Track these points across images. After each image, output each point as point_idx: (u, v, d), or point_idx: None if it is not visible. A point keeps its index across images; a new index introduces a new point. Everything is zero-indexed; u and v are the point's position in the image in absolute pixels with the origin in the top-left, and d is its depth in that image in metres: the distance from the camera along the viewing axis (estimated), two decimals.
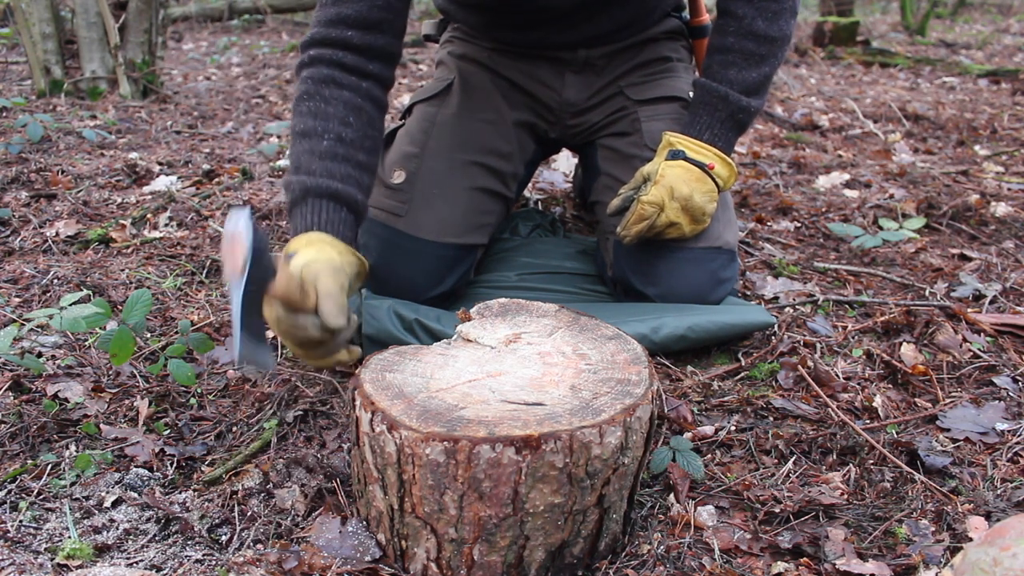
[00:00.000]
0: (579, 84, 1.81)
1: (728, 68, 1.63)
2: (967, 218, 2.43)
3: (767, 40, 1.61)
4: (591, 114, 1.84)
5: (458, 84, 1.80)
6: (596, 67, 1.81)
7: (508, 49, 1.81)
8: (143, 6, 3.95)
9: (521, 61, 1.81)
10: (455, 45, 1.88)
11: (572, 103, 1.83)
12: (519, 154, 1.83)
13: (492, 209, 1.79)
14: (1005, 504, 1.20)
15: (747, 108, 1.63)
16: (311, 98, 1.43)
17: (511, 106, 1.81)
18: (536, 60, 1.81)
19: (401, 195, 1.70)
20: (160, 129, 3.50)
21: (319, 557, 1.06)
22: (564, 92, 1.81)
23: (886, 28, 8.60)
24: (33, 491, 1.21)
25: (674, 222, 1.59)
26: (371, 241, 1.70)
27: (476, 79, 1.81)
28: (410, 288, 1.68)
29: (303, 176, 1.37)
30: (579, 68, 1.80)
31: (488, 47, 1.83)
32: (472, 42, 1.86)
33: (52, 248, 2.11)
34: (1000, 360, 1.62)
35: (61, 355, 1.58)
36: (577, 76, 1.81)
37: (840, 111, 4.12)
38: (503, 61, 1.82)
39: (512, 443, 0.95)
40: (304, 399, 1.46)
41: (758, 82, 1.63)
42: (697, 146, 1.62)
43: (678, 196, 1.57)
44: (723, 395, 1.50)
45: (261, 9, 7.97)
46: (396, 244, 1.69)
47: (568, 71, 1.81)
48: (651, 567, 1.08)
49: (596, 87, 1.82)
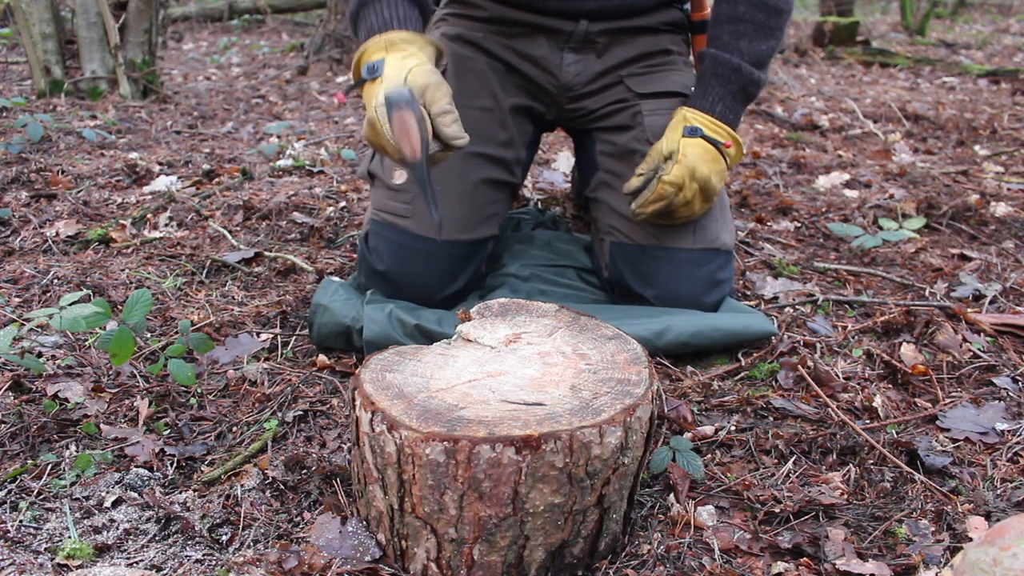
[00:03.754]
0: (578, 65, 1.76)
1: (739, 38, 1.60)
2: (967, 218, 2.43)
3: (776, 12, 1.60)
4: (589, 100, 1.80)
5: (452, 71, 1.75)
6: (596, 47, 1.75)
7: (505, 19, 1.75)
8: (143, 6, 3.95)
9: (518, 39, 1.75)
10: (449, 24, 1.81)
11: (570, 87, 1.78)
12: (519, 138, 1.79)
13: (499, 198, 1.76)
14: (1005, 504, 1.20)
15: (758, 81, 1.61)
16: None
17: (507, 91, 1.76)
18: (534, 35, 1.74)
19: (405, 196, 1.67)
20: (160, 129, 3.50)
21: (319, 557, 1.06)
22: (562, 74, 1.76)
23: (886, 28, 8.59)
24: (33, 491, 1.21)
25: (689, 201, 1.59)
26: (380, 245, 1.68)
27: (471, 64, 1.76)
28: (424, 289, 1.67)
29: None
30: (578, 45, 1.74)
31: (483, 19, 1.77)
32: (467, 16, 1.79)
33: (52, 248, 2.11)
34: (1000, 360, 1.62)
35: (61, 355, 1.58)
36: (576, 55, 1.75)
37: (840, 111, 4.12)
38: (499, 40, 1.76)
39: (512, 443, 0.95)
40: (304, 399, 1.47)
41: (767, 55, 1.62)
42: (712, 123, 1.61)
43: (698, 177, 1.57)
44: (723, 395, 1.50)
45: (261, 9, 7.97)
46: (406, 246, 1.66)
47: (567, 48, 1.75)
48: (651, 567, 1.08)
49: (595, 71, 1.77)
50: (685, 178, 1.56)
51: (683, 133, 1.60)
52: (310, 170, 2.85)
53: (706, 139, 1.59)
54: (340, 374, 1.56)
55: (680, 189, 1.57)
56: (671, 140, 1.60)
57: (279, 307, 1.78)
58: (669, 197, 1.57)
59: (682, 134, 1.60)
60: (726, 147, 1.60)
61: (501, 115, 1.75)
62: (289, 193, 2.49)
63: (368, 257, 1.71)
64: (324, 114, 3.99)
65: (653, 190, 1.58)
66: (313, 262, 2.03)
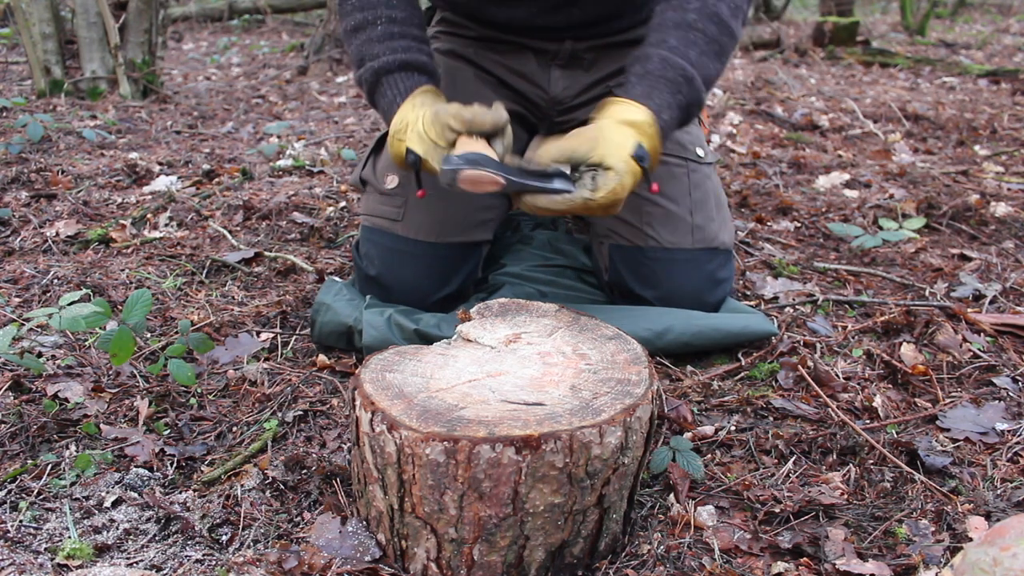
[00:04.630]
0: (566, 80, 1.77)
1: (690, 47, 1.39)
2: (967, 218, 2.43)
3: (727, 32, 1.42)
4: (579, 112, 1.79)
5: (445, 81, 1.74)
6: (583, 63, 1.76)
7: (493, 38, 1.76)
8: (143, 6, 3.95)
9: (506, 56, 1.77)
10: (440, 41, 1.83)
11: (559, 100, 1.78)
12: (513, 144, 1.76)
13: (493, 204, 1.75)
14: (1005, 504, 1.20)
15: (700, 103, 1.42)
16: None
17: (499, 99, 1.71)
18: (521, 53, 1.76)
19: (396, 200, 1.68)
20: (160, 129, 3.50)
21: (319, 557, 1.06)
22: (551, 88, 1.77)
23: (886, 28, 8.59)
24: (33, 491, 1.21)
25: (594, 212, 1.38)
26: (372, 250, 1.69)
27: (462, 74, 1.77)
28: (415, 292, 1.67)
29: (369, 63, 1.47)
30: (565, 62, 1.75)
31: (472, 37, 1.78)
32: (457, 34, 1.81)
33: (52, 248, 2.11)
34: (1000, 360, 1.62)
35: (61, 355, 1.58)
36: (563, 71, 1.76)
37: (840, 111, 4.12)
38: (488, 56, 1.77)
39: (512, 443, 0.95)
40: (304, 399, 1.47)
41: (713, 77, 1.42)
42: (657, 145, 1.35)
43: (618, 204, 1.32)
44: (723, 395, 1.50)
45: (261, 9, 7.97)
46: (397, 249, 1.67)
47: (554, 66, 1.76)
48: (651, 567, 1.08)
49: (584, 84, 1.77)
50: (609, 203, 1.30)
51: (633, 151, 1.30)
52: (310, 170, 2.85)
53: (644, 169, 1.32)
54: (340, 374, 1.56)
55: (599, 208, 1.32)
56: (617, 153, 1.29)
57: (279, 307, 1.78)
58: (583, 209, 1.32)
59: (632, 152, 1.30)
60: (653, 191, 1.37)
61: None
62: (289, 193, 2.49)
63: (360, 263, 1.72)
64: (324, 114, 3.99)
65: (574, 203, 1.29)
66: (313, 262, 2.03)
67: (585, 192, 1.28)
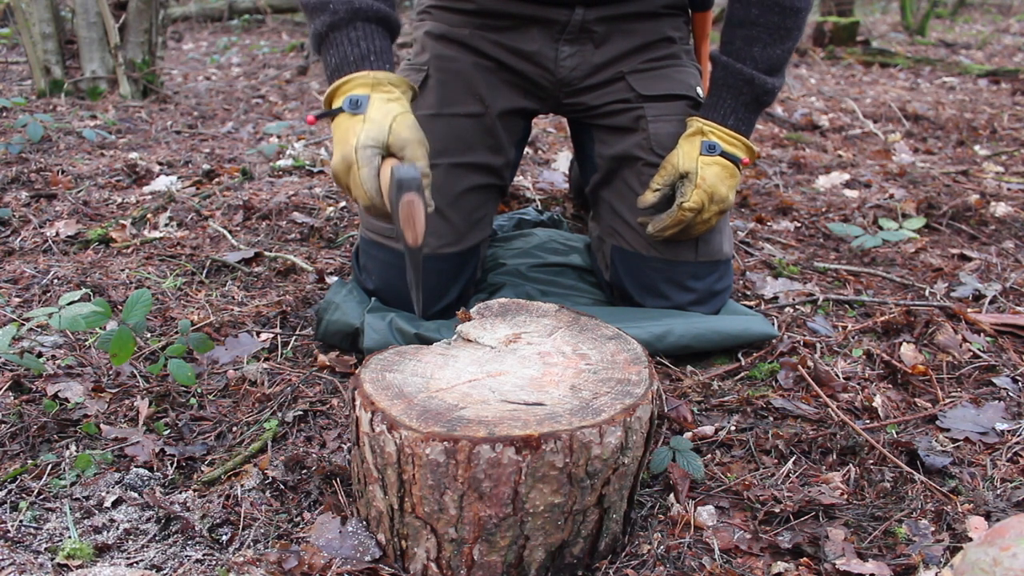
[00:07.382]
0: (575, 58, 1.67)
1: (752, 44, 1.54)
2: (967, 218, 2.43)
3: (792, 12, 1.52)
4: (588, 96, 1.72)
5: (435, 75, 1.66)
6: (593, 36, 1.66)
7: (494, 11, 1.65)
8: (143, 6, 3.95)
9: (508, 33, 1.66)
10: (433, 19, 1.72)
11: (567, 82, 1.70)
12: (508, 140, 1.71)
13: (487, 200, 1.72)
14: (1005, 504, 1.20)
15: (771, 90, 1.57)
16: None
17: (497, 92, 1.67)
18: (526, 27, 1.65)
19: None
20: (160, 129, 3.50)
21: (319, 557, 1.06)
22: (558, 69, 1.68)
23: (886, 28, 8.60)
24: (33, 491, 1.21)
25: (707, 220, 1.59)
26: (369, 263, 1.67)
27: (456, 65, 1.66)
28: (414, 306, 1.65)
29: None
30: (574, 35, 1.65)
31: (471, 12, 1.66)
32: (453, 9, 1.69)
33: (52, 248, 2.11)
34: (1000, 360, 1.62)
35: (61, 355, 1.58)
36: (572, 47, 1.66)
37: (840, 111, 4.12)
38: (487, 37, 1.66)
39: (512, 443, 0.95)
40: (304, 399, 1.47)
41: (782, 59, 1.56)
42: (729, 136, 1.57)
43: (717, 199, 1.56)
44: (723, 395, 1.50)
45: (261, 9, 7.97)
46: (395, 264, 1.62)
47: (562, 40, 1.66)
48: (651, 567, 1.08)
49: (594, 64, 1.68)
50: (705, 201, 1.55)
51: (701, 150, 1.55)
52: (310, 170, 2.85)
53: (725, 155, 1.56)
54: (340, 374, 1.56)
55: (699, 212, 1.56)
56: (688, 157, 1.56)
57: (279, 307, 1.78)
58: (688, 221, 1.57)
59: (700, 151, 1.56)
60: (744, 163, 1.58)
61: (488, 120, 1.67)
62: (289, 193, 2.49)
63: (359, 276, 1.71)
64: None
65: (673, 216, 1.56)
66: (313, 262, 2.03)
67: (678, 201, 1.55)
